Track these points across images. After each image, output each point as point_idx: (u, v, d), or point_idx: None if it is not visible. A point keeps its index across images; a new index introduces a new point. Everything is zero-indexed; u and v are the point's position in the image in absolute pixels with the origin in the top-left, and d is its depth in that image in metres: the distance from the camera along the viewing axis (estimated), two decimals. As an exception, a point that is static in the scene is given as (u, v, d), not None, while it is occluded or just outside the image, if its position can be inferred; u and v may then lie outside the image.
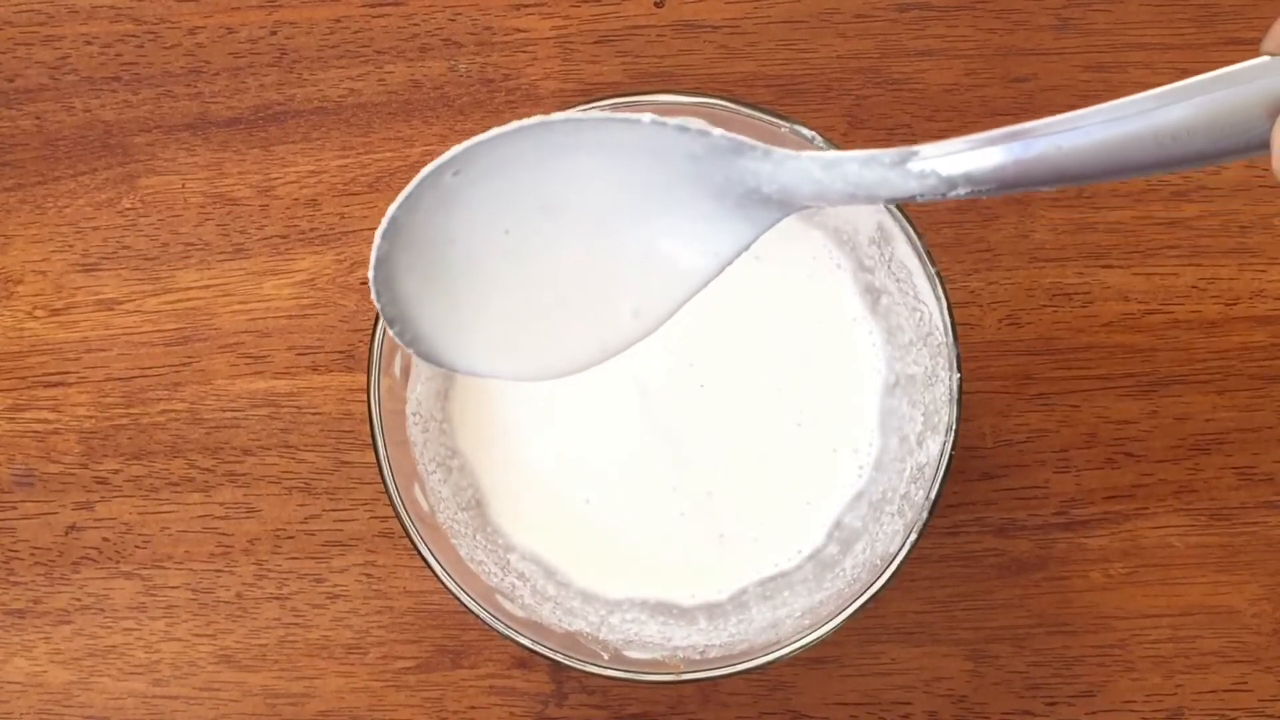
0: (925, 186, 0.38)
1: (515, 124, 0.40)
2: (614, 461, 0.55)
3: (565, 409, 0.55)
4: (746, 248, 0.41)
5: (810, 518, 0.55)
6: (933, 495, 0.50)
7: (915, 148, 0.39)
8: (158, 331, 0.60)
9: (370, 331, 0.51)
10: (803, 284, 0.56)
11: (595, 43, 0.61)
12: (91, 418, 0.60)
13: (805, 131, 0.52)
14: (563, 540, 0.56)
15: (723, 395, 0.55)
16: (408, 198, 0.41)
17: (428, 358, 0.43)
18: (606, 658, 0.52)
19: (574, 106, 0.52)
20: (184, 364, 0.60)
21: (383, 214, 0.61)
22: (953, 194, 0.38)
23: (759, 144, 0.40)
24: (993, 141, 0.38)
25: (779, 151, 0.40)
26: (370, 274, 0.42)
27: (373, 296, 0.42)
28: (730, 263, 0.42)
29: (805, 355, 0.56)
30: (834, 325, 0.56)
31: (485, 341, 0.43)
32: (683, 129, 0.40)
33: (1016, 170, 0.38)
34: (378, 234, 0.41)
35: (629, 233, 0.42)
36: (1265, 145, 0.36)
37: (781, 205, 0.40)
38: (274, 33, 0.61)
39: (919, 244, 0.51)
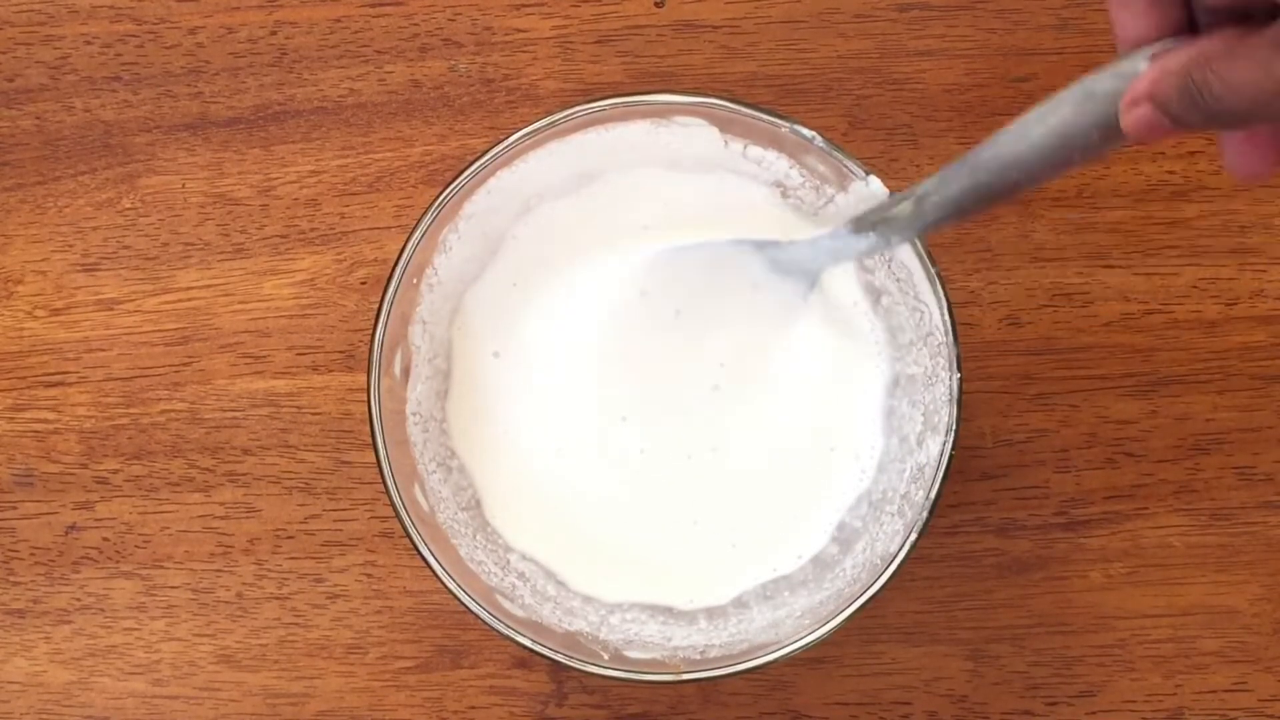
0: (875, 244, 0.49)
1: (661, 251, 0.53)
2: (614, 463, 0.55)
3: (566, 410, 0.55)
4: (803, 302, 0.54)
5: (811, 518, 0.55)
6: (933, 495, 0.50)
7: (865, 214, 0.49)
8: (158, 331, 0.60)
9: (370, 331, 0.51)
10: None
11: (595, 43, 0.61)
12: (91, 418, 0.60)
13: (805, 131, 0.52)
14: (562, 542, 0.55)
15: (722, 397, 0.55)
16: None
17: None
18: (606, 658, 0.52)
19: (574, 106, 0.52)
20: (184, 364, 0.60)
21: (383, 214, 0.61)
22: (902, 238, 0.48)
23: (772, 242, 0.53)
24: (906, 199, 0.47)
25: (786, 244, 0.53)
26: None
27: None
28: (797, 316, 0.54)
29: (805, 356, 0.56)
30: (834, 326, 0.56)
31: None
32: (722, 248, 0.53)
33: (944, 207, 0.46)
34: None
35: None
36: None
37: (805, 275, 0.53)
38: (274, 33, 0.61)
39: (919, 244, 0.51)
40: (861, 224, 0.49)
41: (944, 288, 0.51)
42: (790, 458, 0.55)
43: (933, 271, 0.51)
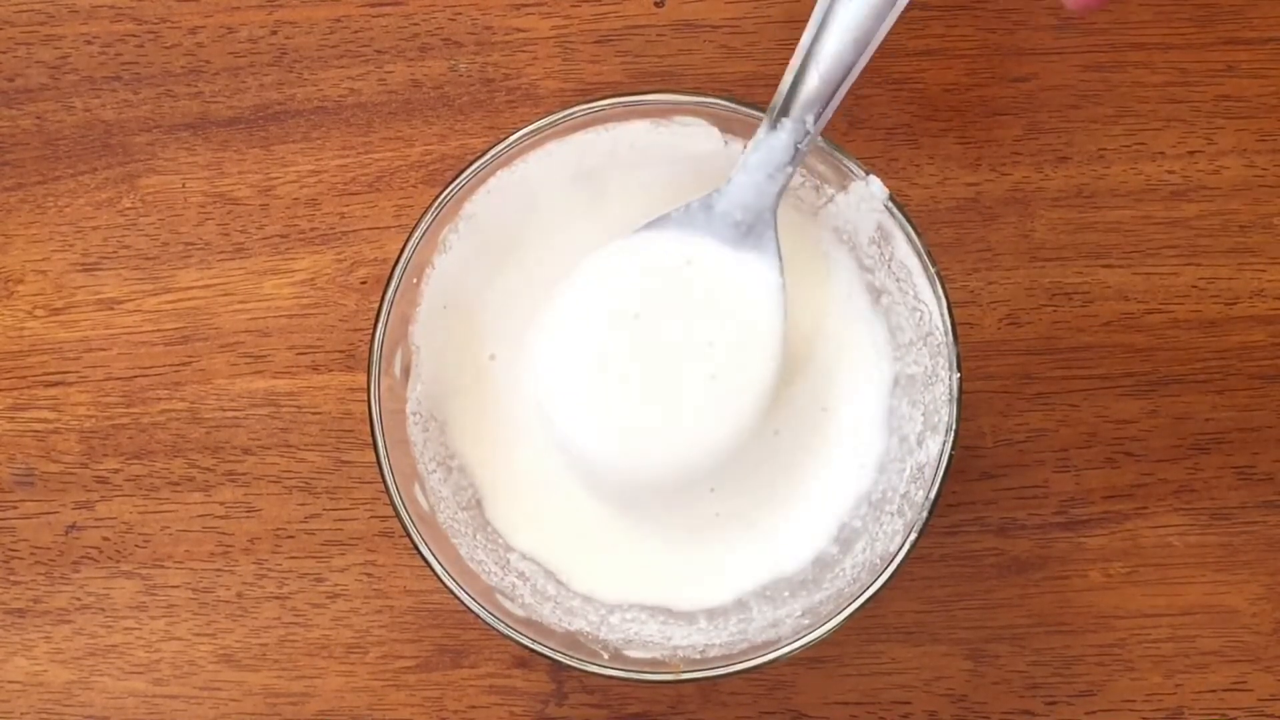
0: (795, 132, 0.50)
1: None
2: (614, 463, 0.55)
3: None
4: (780, 272, 0.52)
5: (811, 517, 0.55)
6: (933, 495, 0.50)
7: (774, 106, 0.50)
8: (158, 331, 0.60)
9: (370, 331, 0.51)
10: (803, 285, 0.56)
11: (595, 42, 0.61)
12: (92, 417, 0.60)
13: (805, 131, 0.52)
14: (562, 542, 0.55)
15: (722, 396, 0.55)
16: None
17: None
18: (607, 657, 0.52)
19: (574, 106, 0.52)
20: (184, 363, 0.60)
21: (383, 213, 0.61)
22: (808, 140, 0.50)
23: (711, 192, 0.52)
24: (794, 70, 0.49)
25: (722, 186, 0.51)
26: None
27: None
28: (780, 287, 0.52)
29: (806, 356, 0.56)
30: (834, 325, 0.56)
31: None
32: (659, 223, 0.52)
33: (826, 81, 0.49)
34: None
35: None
36: None
37: (758, 219, 0.52)
38: (274, 32, 0.61)
39: (919, 244, 0.51)
40: (774, 117, 0.50)
41: (944, 287, 0.51)
42: (790, 455, 0.55)
43: (932, 271, 0.51)
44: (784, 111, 0.50)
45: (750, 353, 0.52)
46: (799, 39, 0.60)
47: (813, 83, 0.49)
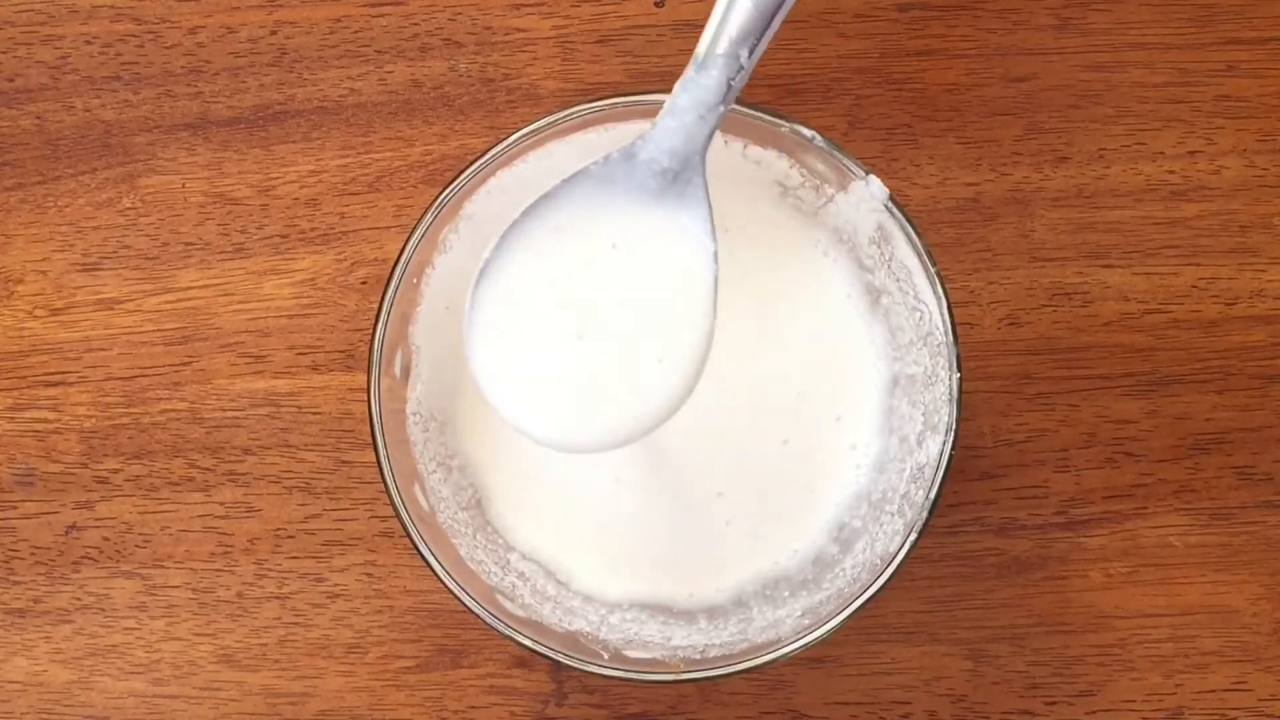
0: (728, 69, 0.47)
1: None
2: (615, 462, 0.55)
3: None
4: (709, 221, 0.49)
5: (811, 517, 0.55)
6: (933, 495, 0.50)
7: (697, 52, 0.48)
8: (158, 331, 0.60)
9: (370, 331, 0.51)
10: (803, 284, 0.56)
11: (595, 42, 0.61)
12: (92, 417, 0.60)
13: (805, 131, 0.52)
14: (563, 540, 0.56)
15: (723, 396, 0.55)
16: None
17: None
18: (607, 657, 0.52)
19: (574, 106, 0.52)
20: (184, 363, 0.60)
21: (383, 213, 0.61)
22: (741, 75, 0.48)
23: (637, 139, 0.48)
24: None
25: (646, 133, 0.48)
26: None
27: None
28: (709, 236, 0.49)
29: (805, 356, 0.56)
30: (834, 325, 0.56)
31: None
32: (589, 169, 0.49)
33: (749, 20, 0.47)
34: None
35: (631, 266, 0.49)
36: None
37: (686, 165, 0.49)
38: (274, 32, 0.61)
39: (919, 244, 0.51)
40: (705, 54, 0.48)
41: (944, 287, 0.51)
42: (799, 462, 0.55)
43: (932, 271, 0.51)
44: (715, 47, 0.47)
45: (680, 316, 0.49)
46: (799, 39, 0.60)
47: (746, 12, 0.47)
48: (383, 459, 0.51)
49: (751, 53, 0.47)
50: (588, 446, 0.50)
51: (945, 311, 0.51)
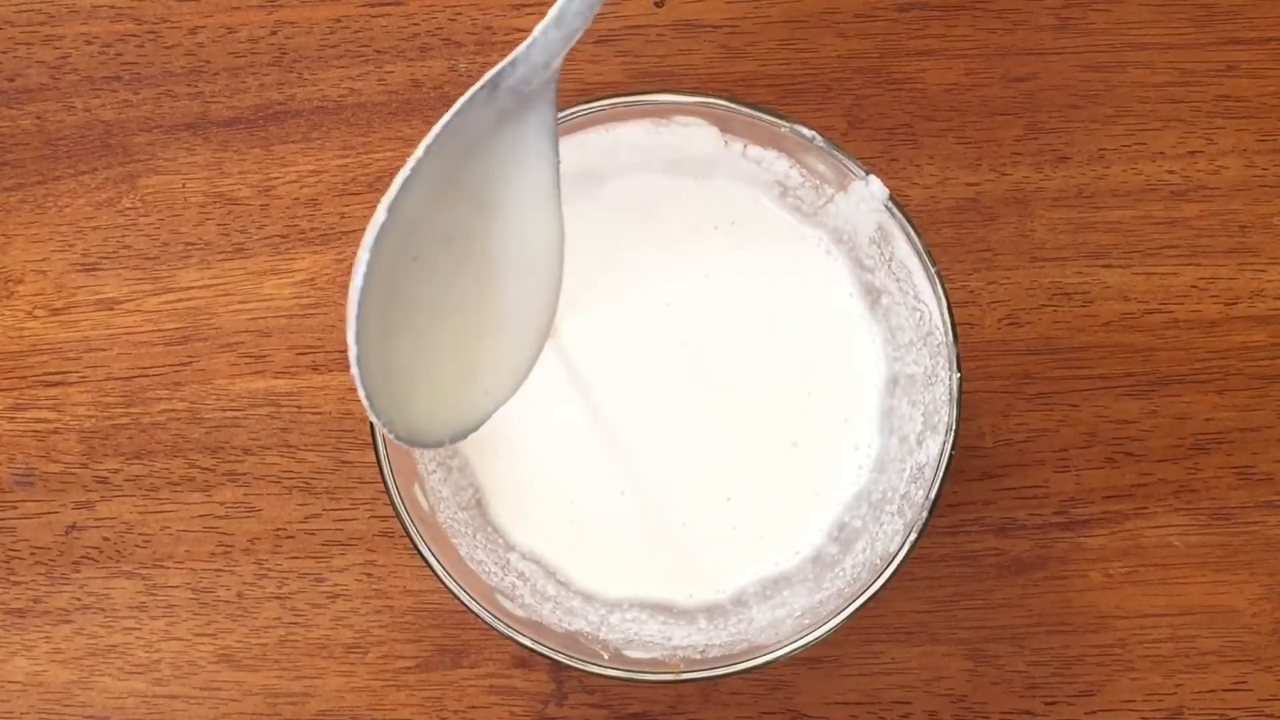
0: None
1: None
2: (615, 461, 0.55)
3: (567, 409, 0.55)
4: (553, 131, 0.48)
5: (811, 517, 0.55)
6: (933, 495, 0.50)
7: None
8: (158, 331, 0.60)
9: (370, 331, 0.51)
10: (803, 285, 0.56)
11: (595, 43, 0.61)
12: (92, 417, 0.60)
13: (805, 131, 0.52)
14: (563, 539, 0.56)
15: (723, 395, 0.55)
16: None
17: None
18: (606, 657, 0.52)
19: (574, 106, 0.52)
20: (184, 363, 0.60)
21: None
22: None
23: (502, 66, 0.46)
24: None
25: (517, 53, 0.46)
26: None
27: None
28: (551, 166, 0.48)
29: (805, 355, 0.56)
30: (834, 325, 0.56)
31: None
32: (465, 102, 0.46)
33: None
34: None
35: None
36: None
37: (537, 76, 0.46)
38: (274, 32, 0.61)
39: (919, 244, 0.51)
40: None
41: (943, 287, 0.51)
42: (807, 464, 0.55)
43: (932, 271, 0.51)
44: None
45: (526, 277, 0.49)
46: (799, 39, 0.60)
47: None
48: (383, 459, 0.51)
49: None
50: (439, 435, 0.49)
51: (945, 311, 0.51)
